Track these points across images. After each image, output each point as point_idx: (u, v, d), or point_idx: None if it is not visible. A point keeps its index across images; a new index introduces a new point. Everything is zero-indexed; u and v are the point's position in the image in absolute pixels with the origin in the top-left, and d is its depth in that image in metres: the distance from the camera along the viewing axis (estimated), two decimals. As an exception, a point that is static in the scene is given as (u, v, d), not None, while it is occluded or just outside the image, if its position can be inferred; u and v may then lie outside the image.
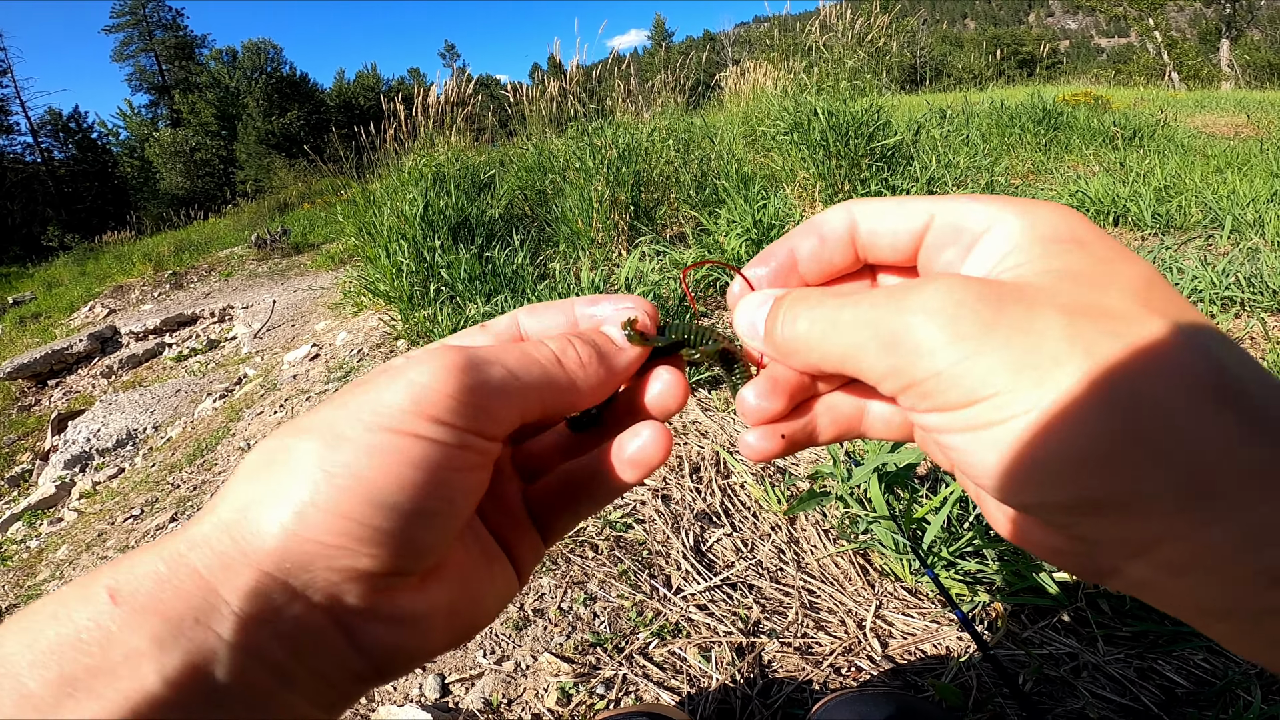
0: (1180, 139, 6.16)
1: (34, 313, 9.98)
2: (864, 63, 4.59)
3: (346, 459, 0.22)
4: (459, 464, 0.23)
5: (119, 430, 4.24)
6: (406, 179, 4.11)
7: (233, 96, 35.67)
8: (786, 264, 0.30)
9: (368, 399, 0.23)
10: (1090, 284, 0.21)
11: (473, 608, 0.27)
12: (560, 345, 0.28)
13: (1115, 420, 0.18)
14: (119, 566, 0.21)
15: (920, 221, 0.27)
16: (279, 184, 22.29)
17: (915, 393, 0.22)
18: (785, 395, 0.30)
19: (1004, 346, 0.20)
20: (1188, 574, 0.19)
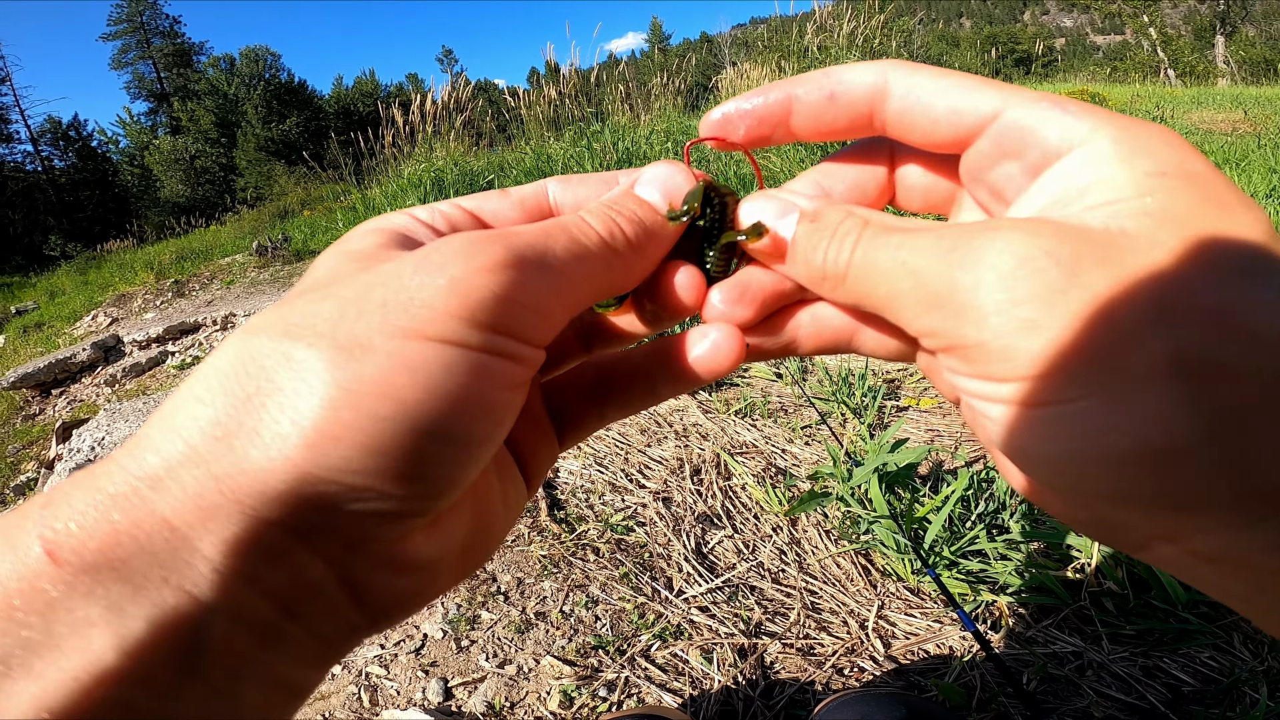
0: (1179, 135, 6.15)
1: (37, 322, 10.00)
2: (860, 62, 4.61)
3: (373, 373, 0.17)
4: (508, 378, 0.19)
5: (123, 438, 4.25)
6: (406, 184, 4.12)
7: (231, 104, 35.79)
8: (776, 109, 0.25)
9: (392, 293, 0.18)
10: (1197, 238, 0.17)
11: (484, 538, 0.23)
12: (604, 223, 0.23)
13: (1187, 423, 0.16)
14: (53, 509, 0.16)
15: (983, 112, 0.22)
16: (279, 191, 22.36)
17: (956, 356, 0.20)
18: (757, 305, 0.26)
19: (1071, 320, 0.17)
20: (1215, 563, 0.18)
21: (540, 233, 0.22)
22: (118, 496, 0.16)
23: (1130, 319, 0.16)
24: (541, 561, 1.48)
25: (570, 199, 0.28)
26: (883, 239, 0.21)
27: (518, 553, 1.52)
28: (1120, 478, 0.17)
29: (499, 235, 0.20)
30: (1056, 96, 0.21)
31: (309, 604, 0.18)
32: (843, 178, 0.27)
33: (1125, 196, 0.18)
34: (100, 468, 0.17)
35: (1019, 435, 0.19)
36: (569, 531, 1.56)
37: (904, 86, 0.23)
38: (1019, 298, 0.17)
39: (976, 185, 0.24)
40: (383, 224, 0.24)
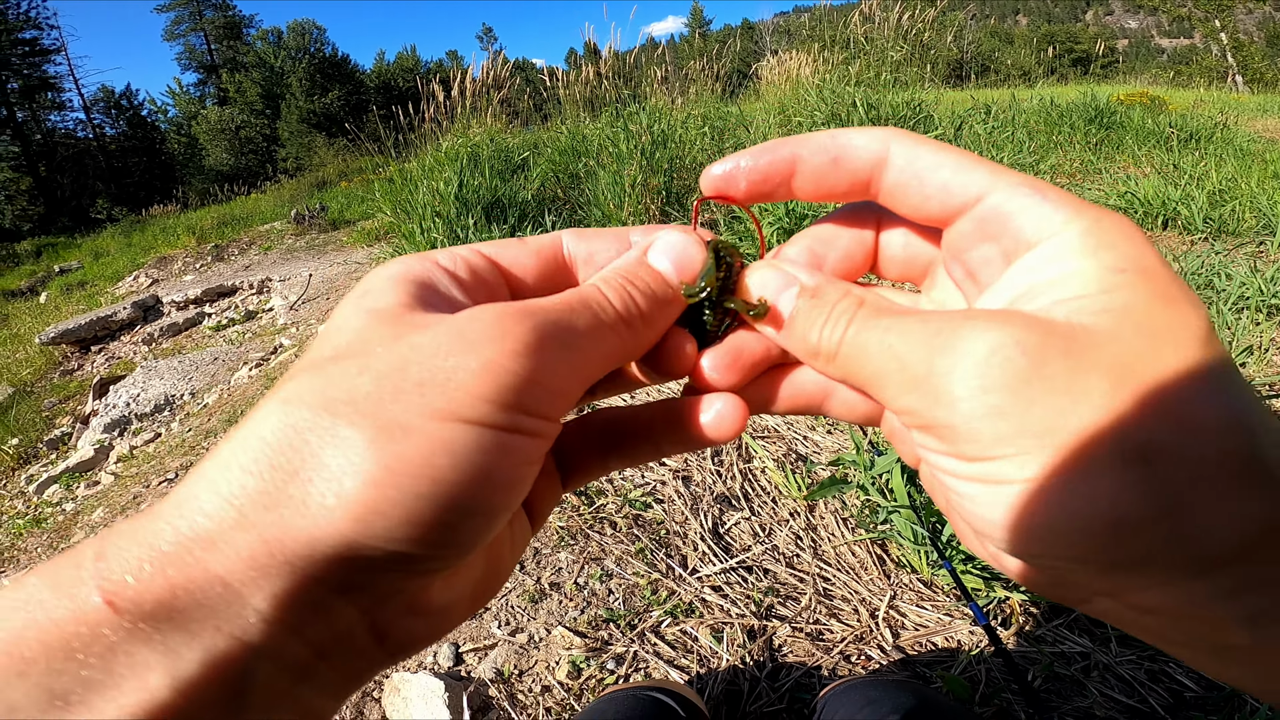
0: (1239, 143, 5.90)
1: (80, 280, 10.34)
2: (907, 56, 4.49)
3: (414, 455, 0.18)
4: (531, 454, 0.21)
5: (157, 396, 4.39)
6: (442, 158, 4.15)
7: (277, 76, 36.36)
8: (781, 168, 0.26)
9: (428, 374, 0.19)
10: (1150, 334, 0.19)
11: (493, 579, 0.25)
12: (620, 297, 0.25)
13: (1140, 502, 0.18)
14: (108, 562, 0.18)
15: (971, 193, 0.23)
16: (319, 162, 22.71)
17: (930, 435, 0.21)
18: (744, 372, 0.27)
19: (1033, 407, 0.19)
20: (1156, 613, 0.19)
21: (564, 309, 0.23)
22: (172, 555, 0.18)
23: (1089, 409, 0.18)
24: (559, 533, 1.50)
25: (584, 252, 0.29)
26: (873, 322, 0.23)
27: (534, 523, 1.54)
28: (1077, 548, 0.19)
29: (526, 313, 0.21)
30: (1038, 183, 0.23)
31: (340, 646, 0.20)
32: (835, 245, 0.29)
33: (1089, 292, 0.20)
34: (148, 523, 0.19)
35: (984, 508, 0.20)
36: (588, 504, 1.58)
37: (904, 158, 0.25)
38: (988, 385, 0.19)
39: (954, 262, 0.25)
40: (403, 271, 0.24)
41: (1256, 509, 0.18)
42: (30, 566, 2.19)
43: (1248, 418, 0.18)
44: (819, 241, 0.29)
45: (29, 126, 30.10)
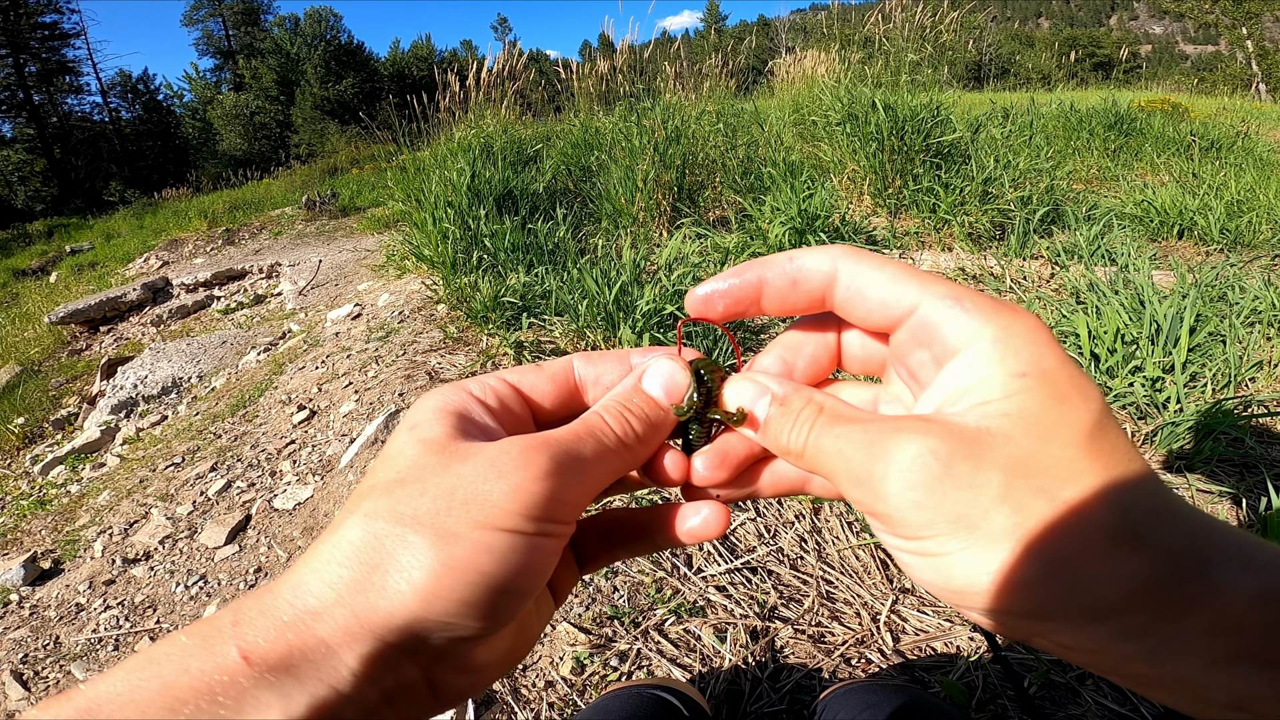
0: (1260, 152, 5.84)
1: (91, 261, 10.40)
2: (926, 57, 4.46)
3: (463, 555, 0.25)
4: (550, 550, 0.28)
5: (165, 378, 4.41)
6: (455, 148, 4.15)
7: (293, 63, 36.40)
8: (750, 291, 0.32)
9: (471, 496, 0.26)
10: (1040, 432, 0.24)
11: (523, 642, 0.32)
12: (619, 423, 0.31)
13: (1031, 567, 0.22)
14: (243, 626, 0.25)
15: (904, 307, 0.28)
16: (331, 149, 22.77)
17: (874, 519, 0.26)
18: (732, 469, 0.33)
19: (945, 500, 0.24)
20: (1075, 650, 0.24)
21: (574, 439, 0.29)
22: (290, 624, 0.25)
23: (987, 498, 0.23)
24: (562, 527, 1.50)
25: (591, 375, 0.36)
26: (828, 429, 0.28)
27: (539, 517, 1.55)
28: (989, 601, 0.24)
29: (545, 445, 0.28)
30: (960, 293, 0.27)
31: (404, 695, 0.27)
32: (802, 351, 0.34)
33: (994, 398, 0.25)
34: (272, 600, 0.25)
35: (920, 572, 0.26)
36: (594, 503, 1.58)
37: (848, 276, 0.30)
38: (910, 484, 0.24)
39: (899, 365, 0.31)
40: (443, 403, 0.31)
41: (1125, 569, 0.22)
42: (33, 548, 2.22)
43: (1121, 497, 0.23)
44: (788, 349, 0.34)
45: (45, 109, 30.27)
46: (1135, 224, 3.72)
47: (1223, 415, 1.71)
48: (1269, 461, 1.60)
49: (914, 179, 3.82)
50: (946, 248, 3.39)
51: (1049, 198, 3.65)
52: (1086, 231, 3.16)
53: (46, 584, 1.98)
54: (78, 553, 2.13)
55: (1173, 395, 1.82)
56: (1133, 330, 2.08)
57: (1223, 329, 2.11)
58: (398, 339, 3.00)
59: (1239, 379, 1.94)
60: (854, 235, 3.21)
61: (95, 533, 2.21)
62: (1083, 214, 3.60)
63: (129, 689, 0.23)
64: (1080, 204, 3.85)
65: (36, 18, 29.79)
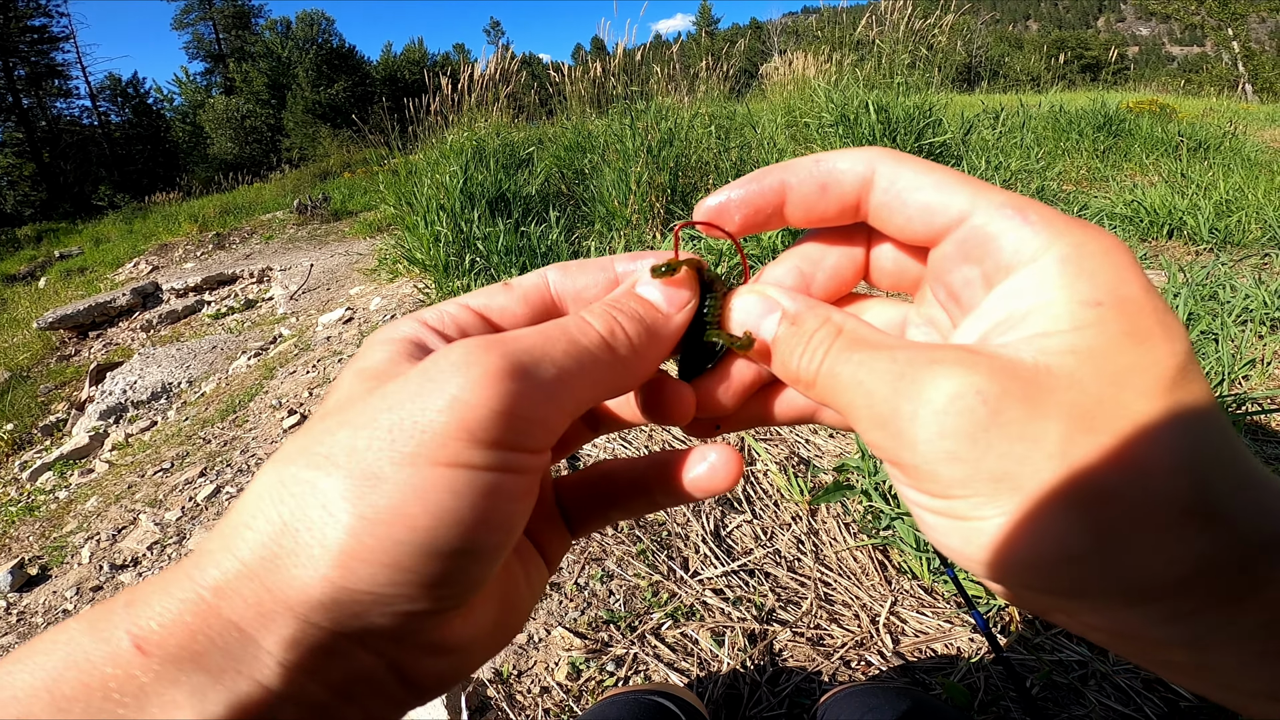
0: (1248, 152, 5.89)
1: (80, 266, 10.32)
2: (919, 59, 4.48)
3: (385, 502, 0.19)
4: (514, 492, 0.21)
5: (154, 383, 4.37)
6: (448, 151, 4.14)
7: (284, 66, 36.28)
8: (771, 198, 0.27)
9: (397, 420, 0.20)
10: (1113, 377, 0.19)
11: (513, 616, 0.26)
12: (606, 323, 0.24)
13: (1081, 537, 0.19)
14: (135, 608, 0.19)
15: (952, 214, 0.23)
16: (322, 153, 22.70)
17: (894, 468, 0.22)
18: (738, 397, 0.28)
19: (989, 453, 0.19)
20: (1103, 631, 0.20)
21: (539, 336, 0.22)
22: (190, 602, 0.19)
23: (1042, 455, 0.19)
24: (557, 531, 1.49)
25: (570, 288, 0.29)
26: (847, 355, 0.23)
27: (534, 521, 1.54)
28: (1024, 576, 0.20)
29: (496, 342, 0.21)
30: (1022, 202, 0.22)
31: (362, 689, 0.21)
32: (823, 263, 0.29)
33: (1059, 329, 0.20)
34: (172, 576, 0.20)
35: (943, 536, 0.22)
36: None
37: (887, 179, 0.25)
38: (946, 432, 0.20)
39: (937, 284, 0.26)
40: (394, 334, 0.25)
41: (1192, 549, 0.18)
42: (21, 554, 2.19)
43: (1199, 461, 0.19)
44: (806, 260, 0.29)
45: (34, 113, 30.05)
46: (1125, 224, 3.74)
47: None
48: (1265, 459, 1.60)
49: (907, 180, 3.83)
50: (940, 248, 3.40)
51: (1040, 198, 3.67)
52: (1078, 231, 3.18)
53: (34, 590, 1.95)
54: (65, 559, 2.10)
55: (1167, 393, 1.83)
56: (1126, 329, 2.09)
57: (1215, 327, 2.12)
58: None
59: (1232, 377, 1.94)
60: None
61: (83, 539, 2.19)
62: (1074, 214, 3.62)
63: (8, 684, 0.18)
64: (1071, 204, 3.87)
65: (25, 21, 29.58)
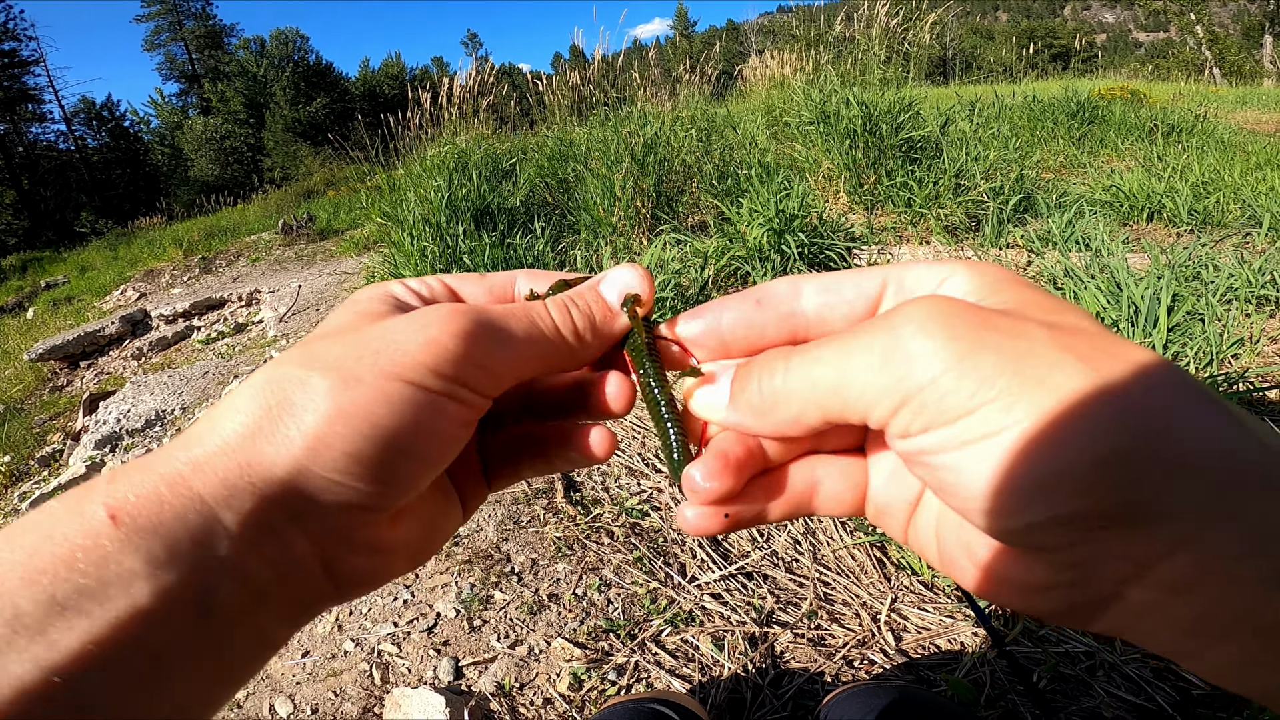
0: (1220, 135, 5.97)
1: (67, 295, 10.23)
2: (895, 54, 4.52)
3: (361, 401, 0.23)
4: (458, 417, 0.25)
5: (148, 411, 4.33)
6: (430, 166, 4.13)
7: (261, 85, 36.12)
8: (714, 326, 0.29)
9: (383, 344, 0.24)
10: (1054, 310, 0.21)
11: (429, 541, 0.29)
12: (560, 314, 0.29)
13: (1126, 426, 0.17)
14: (117, 483, 0.21)
15: (875, 286, 0.26)
16: (305, 171, 22.62)
17: (911, 408, 0.21)
18: (735, 473, 0.28)
19: (998, 350, 0.19)
20: (1191, 590, 0.18)
21: (505, 312, 0.28)
22: (167, 476, 0.21)
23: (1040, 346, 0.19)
24: (556, 543, 1.48)
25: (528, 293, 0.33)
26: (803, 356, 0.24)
27: (532, 534, 1.53)
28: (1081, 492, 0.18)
29: (471, 309, 0.26)
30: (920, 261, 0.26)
31: (293, 573, 0.24)
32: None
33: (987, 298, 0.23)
34: (158, 454, 0.23)
35: (971, 476, 0.20)
36: (584, 514, 1.57)
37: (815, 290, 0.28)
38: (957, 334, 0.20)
39: None
40: (385, 290, 0.30)
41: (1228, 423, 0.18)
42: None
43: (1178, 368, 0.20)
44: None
45: (10, 139, 29.78)
46: (1106, 209, 3.78)
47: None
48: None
49: (887, 174, 3.85)
50: (924, 241, 3.42)
51: (1020, 187, 3.70)
52: (1059, 219, 3.21)
53: None
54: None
55: (1153, 377, 1.84)
56: (1111, 313, 2.10)
57: (1200, 307, 2.14)
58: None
59: (1221, 356, 1.96)
60: (832, 233, 3.23)
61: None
62: (1053, 202, 3.65)
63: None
64: (1050, 192, 3.90)
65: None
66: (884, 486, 0.28)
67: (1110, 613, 0.20)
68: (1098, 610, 0.20)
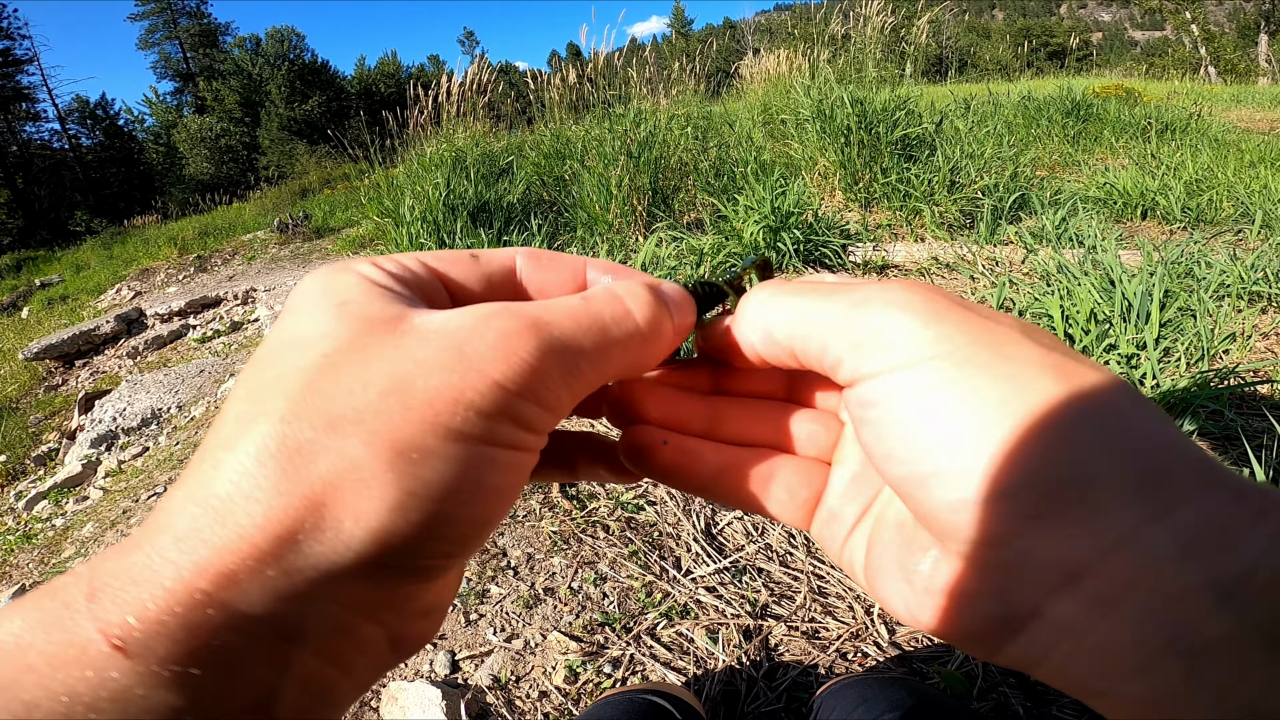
0: (1214, 133, 5.99)
1: (62, 295, 10.20)
2: (892, 53, 4.53)
3: (435, 479, 0.18)
4: (527, 465, 0.21)
5: (144, 410, 4.33)
6: (428, 164, 4.13)
7: (256, 84, 35.99)
8: None
9: (440, 395, 0.18)
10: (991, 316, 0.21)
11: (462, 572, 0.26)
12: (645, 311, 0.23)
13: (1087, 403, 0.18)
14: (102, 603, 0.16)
15: None
16: (301, 170, 22.56)
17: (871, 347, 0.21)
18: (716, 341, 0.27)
19: (966, 319, 0.20)
20: (1121, 603, 0.16)
21: (570, 321, 0.21)
22: (179, 593, 0.16)
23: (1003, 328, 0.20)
24: (552, 537, 1.49)
25: (536, 281, 0.28)
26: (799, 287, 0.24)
27: (528, 528, 1.53)
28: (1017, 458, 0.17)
29: (532, 326, 0.20)
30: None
31: (362, 660, 0.20)
32: None
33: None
34: (142, 556, 0.17)
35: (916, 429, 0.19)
36: (580, 508, 1.57)
37: None
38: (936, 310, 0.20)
39: None
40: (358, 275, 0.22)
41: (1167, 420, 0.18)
42: (22, 581, 2.17)
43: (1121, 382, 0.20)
44: None
45: (4, 138, 29.65)
46: (1099, 206, 3.80)
47: (1200, 389, 1.75)
48: (1250, 432, 1.62)
49: (883, 171, 3.86)
50: (919, 238, 3.43)
51: (1014, 185, 3.71)
52: (1053, 216, 3.22)
53: None
54: (60, 589, 2.10)
55: (1148, 371, 1.86)
56: (1104, 309, 2.12)
57: (1192, 304, 2.16)
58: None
59: (1212, 352, 1.97)
60: (828, 230, 3.24)
61: (81, 564, 2.18)
62: (1048, 199, 3.67)
63: None
64: (1044, 189, 3.92)
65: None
66: (844, 490, 0.26)
67: (1024, 634, 0.18)
68: (1011, 631, 0.19)
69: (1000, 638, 0.19)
